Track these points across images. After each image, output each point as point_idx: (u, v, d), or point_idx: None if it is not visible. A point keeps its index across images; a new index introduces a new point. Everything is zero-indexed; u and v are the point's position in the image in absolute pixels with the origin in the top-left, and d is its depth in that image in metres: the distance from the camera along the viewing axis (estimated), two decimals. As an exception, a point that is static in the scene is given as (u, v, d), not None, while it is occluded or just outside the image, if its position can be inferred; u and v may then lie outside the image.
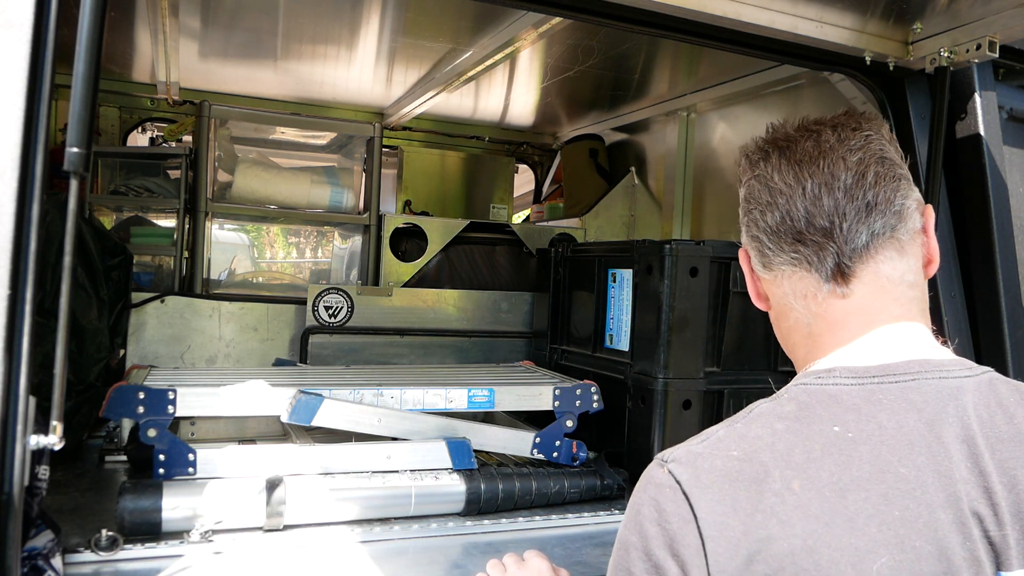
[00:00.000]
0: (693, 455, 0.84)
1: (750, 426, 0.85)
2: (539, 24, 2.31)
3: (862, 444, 0.79)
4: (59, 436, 1.13)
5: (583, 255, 2.69)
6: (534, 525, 1.89)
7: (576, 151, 3.91)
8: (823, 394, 0.85)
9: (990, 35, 1.88)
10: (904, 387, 0.83)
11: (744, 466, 0.80)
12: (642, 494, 0.85)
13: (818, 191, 0.92)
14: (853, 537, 0.75)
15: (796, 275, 0.94)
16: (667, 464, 0.84)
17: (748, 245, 1.01)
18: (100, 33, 1.14)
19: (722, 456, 0.82)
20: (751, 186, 0.98)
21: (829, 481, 0.77)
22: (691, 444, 0.86)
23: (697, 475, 0.81)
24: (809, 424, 0.82)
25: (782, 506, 0.76)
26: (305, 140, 3.78)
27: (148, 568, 1.53)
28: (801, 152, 0.95)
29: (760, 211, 0.96)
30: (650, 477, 0.85)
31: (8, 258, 1.07)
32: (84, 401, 2.28)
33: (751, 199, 0.98)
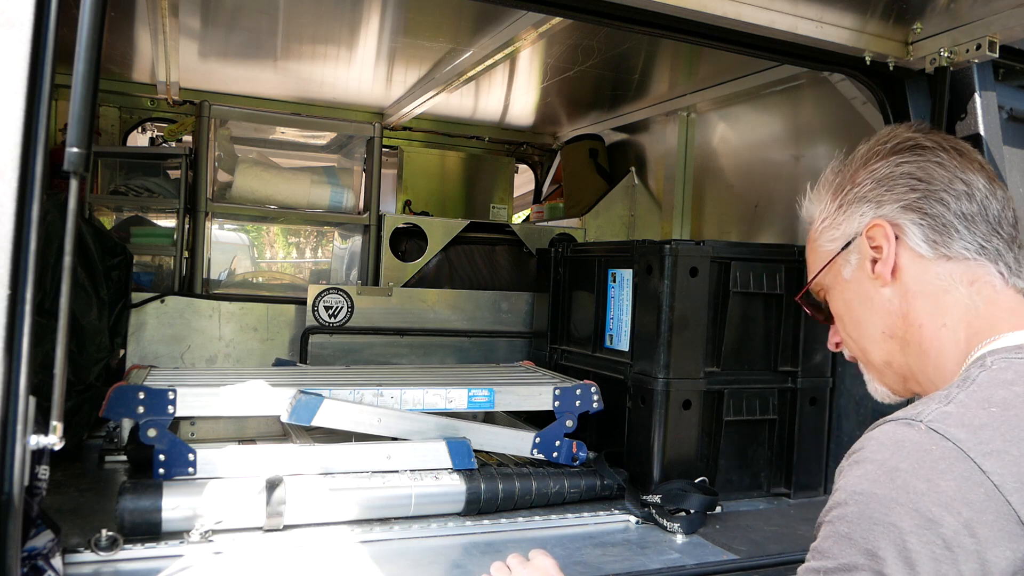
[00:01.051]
0: (952, 415, 0.83)
1: (985, 389, 0.87)
2: (539, 24, 2.31)
3: None
4: (59, 436, 1.13)
5: (583, 255, 2.69)
6: (534, 525, 1.89)
7: (576, 151, 3.91)
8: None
9: (990, 35, 1.88)
10: None
11: (1012, 420, 0.82)
12: (894, 453, 0.82)
13: (1004, 204, 1.04)
14: None
15: (977, 263, 1.01)
16: (924, 423, 0.82)
17: (909, 220, 1.04)
18: (100, 33, 1.14)
19: (984, 413, 0.83)
20: (927, 168, 1.04)
21: None
22: (934, 407, 0.85)
23: (974, 432, 0.80)
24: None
25: None
26: (305, 140, 3.78)
27: (148, 568, 1.53)
28: (978, 164, 1.06)
29: (953, 196, 1.02)
30: (906, 438, 0.82)
31: (8, 258, 1.07)
32: (84, 401, 2.28)
33: (934, 180, 1.03)
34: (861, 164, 1.10)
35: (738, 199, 3.14)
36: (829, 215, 1.14)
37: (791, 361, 2.30)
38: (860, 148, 1.13)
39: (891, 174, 1.06)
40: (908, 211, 1.04)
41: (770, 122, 2.99)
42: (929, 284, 1.03)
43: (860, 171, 1.10)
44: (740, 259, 2.22)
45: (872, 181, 1.07)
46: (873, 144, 1.11)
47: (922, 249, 1.03)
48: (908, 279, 1.05)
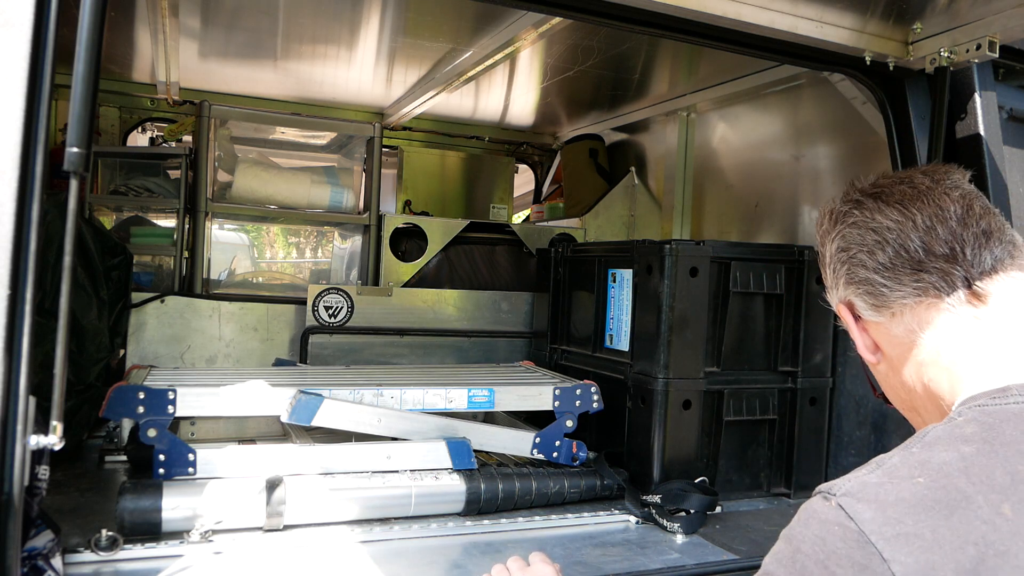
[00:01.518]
0: (870, 487, 0.74)
1: (931, 451, 0.77)
2: (539, 24, 2.31)
3: None
4: (59, 436, 1.13)
5: (583, 255, 2.69)
6: (534, 525, 1.89)
7: (576, 151, 3.91)
8: (1007, 413, 0.80)
9: (990, 35, 1.88)
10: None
11: (938, 493, 0.71)
12: (802, 529, 0.76)
13: (930, 222, 0.93)
14: None
15: (922, 304, 0.92)
16: (836, 498, 0.74)
17: (851, 294, 0.99)
18: (100, 33, 1.14)
19: (908, 484, 0.73)
20: (847, 235, 0.99)
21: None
22: (861, 474, 0.78)
23: (883, 509, 0.71)
24: (1004, 445, 0.76)
25: (996, 534, 0.69)
26: (305, 140, 3.78)
27: (148, 568, 1.53)
28: (899, 194, 0.97)
29: (867, 252, 0.96)
30: (812, 511, 0.76)
31: (8, 258, 1.07)
32: (84, 401, 2.28)
33: (850, 246, 0.98)
34: (823, 235, 1.06)
35: (738, 199, 3.14)
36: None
37: (791, 361, 2.30)
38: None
39: (832, 255, 1.02)
40: (849, 285, 1.00)
41: (770, 122, 2.99)
42: (899, 346, 0.96)
43: (825, 243, 1.05)
44: (740, 259, 2.22)
45: (827, 265, 1.04)
46: (825, 208, 1.06)
47: (874, 317, 0.98)
48: (885, 348, 1.00)
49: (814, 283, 2.29)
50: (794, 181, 2.80)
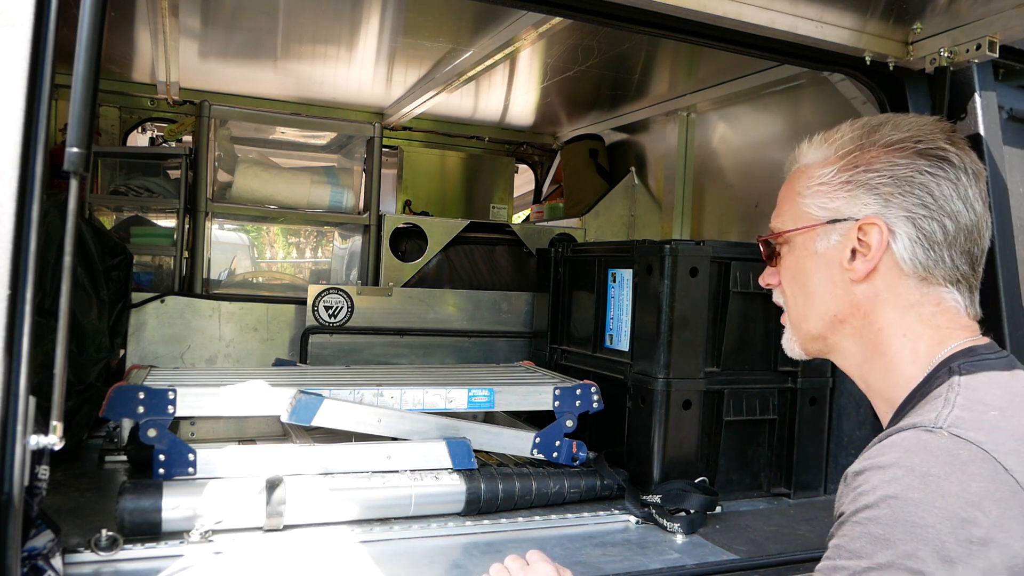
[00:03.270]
0: (964, 420, 0.89)
1: (978, 392, 0.94)
2: (539, 24, 2.31)
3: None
4: (59, 436, 1.13)
5: (583, 255, 2.69)
6: (534, 525, 1.89)
7: (576, 151, 3.91)
8: (989, 366, 0.99)
9: (990, 35, 1.88)
10: (1008, 361, 1.02)
11: (1007, 415, 0.91)
12: (930, 457, 0.86)
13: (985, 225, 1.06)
14: None
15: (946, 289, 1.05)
16: (944, 430, 0.88)
17: (907, 236, 1.04)
18: (100, 33, 1.14)
19: (988, 416, 0.90)
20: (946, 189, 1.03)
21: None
22: (945, 414, 0.91)
23: (990, 435, 0.87)
24: (1010, 383, 0.97)
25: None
26: (305, 140, 3.78)
27: (148, 568, 1.53)
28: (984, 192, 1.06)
29: (952, 221, 1.03)
30: (930, 443, 0.87)
31: (8, 258, 1.07)
32: (84, 401, 2.28)
33: (944, 202, 1.03)
34: (884, 148, 1.06)
35: (738, 199, 3.14)
36: (830, 181, 1.09)
37: (791, 361, 2.29)
38: (886, 124, 1.09)
39: (910, 179, 1.03)
40: (908, 223, 1.03)
41: (770, 122, 2.99)
42: (899, 297, 1.05)
43: (881, 156, 1.06)
44: (740, 259, 2.22)
45: (890, 176, 1.04)
46: (903, 132, 1.07)
47: (906, 265, 1.04)
48: (881, 285, 1.06)
49: None
50: (794, 181, 2.80)
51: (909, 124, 1.08)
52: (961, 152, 1.05)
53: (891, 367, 1.07)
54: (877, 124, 1.09)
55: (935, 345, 1.04)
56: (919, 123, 1.08)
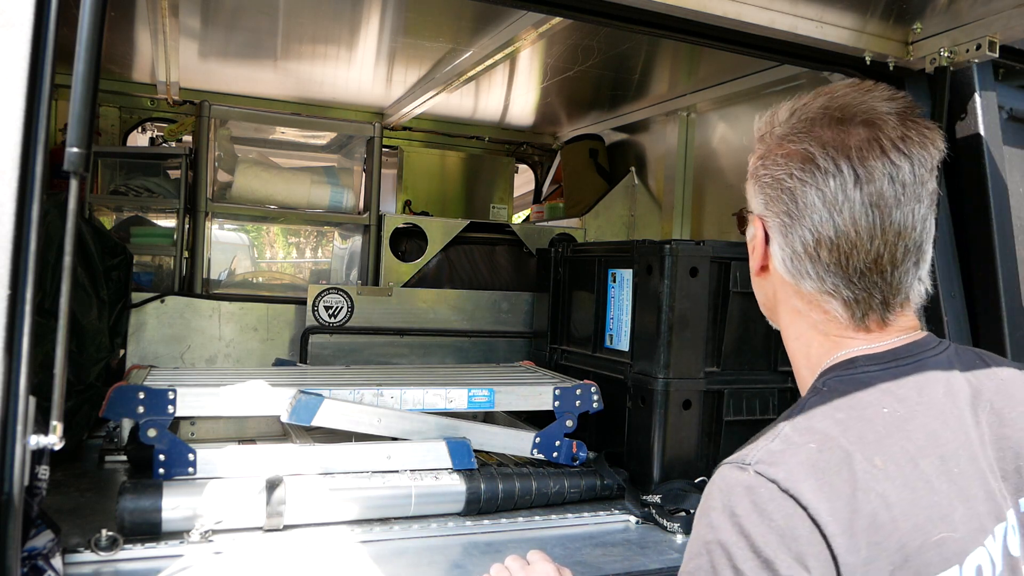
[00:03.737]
0: (775, 454, 0.86)
1: (812, 420, 0.90)
2: (539, 24, 2.31)
3: (911, 419, 0.90)
4: (59, 436, 1.13)
5: (583, 255, 2.69)
6: (534, 525, 1.89)
7: (576, 151, 3.91)
8: (858, 382, 0.92)
9: (990, 35, 1.88)
10: (916, 366, 0.95)
11: (827, 455, 0.85)
12: (728, 497, 0.85)
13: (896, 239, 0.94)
14: (934, 495, 0.86)
15: (823, 299, 0.97)
16: (752, 467, 0.85)
17: (778, 244, 0.99)
18: (100, 33, 1.14)
19: (804, 450, 0.86)
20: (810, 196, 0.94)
21: (901, 454, 0.87)
22: (763, 444, 0.88)
23: (790, 471, 0.83)
24: (863, 409, 0.90)
25: (875, 482, 0.84)
26: (305, 140, 3.78)
27: (148, 568, 1.53)
28: (879, 192, 0.92)
29: (813, 235, 0.94)
30: (735, 481, 0.85)
31: (8, 258, 1.07)
32: (84, 401, 2.28)
33: (806, 211, 0.95)
34: (777, 140, 0.99)
35: (738, 199, 3.12)
36: (751, 166, 1.05)
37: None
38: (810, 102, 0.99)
39: (781, 182, 0.97)
40: (777, 231, 0.99)
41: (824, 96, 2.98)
42: (788, 300, 1.02)
43: (774, 148, 0.99)
44: (740, 259, 2.22)
45: (771, 177, 0.98)
46: (792, 125, 0.98)
47: (780, 269, 1.00)
48: (776, 284, 1.04)
49: None
50: (794, 181, 2.80)
51: (807, 110, 0.98)
52: (837, 151, 0.92)
53: (795, 369, 1.06)
54: (798, 105, 1.00)
55: (824, 353, 0.99)
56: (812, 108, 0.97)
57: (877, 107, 0.94)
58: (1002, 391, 0.99)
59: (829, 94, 0.98)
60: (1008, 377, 1.01)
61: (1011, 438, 0.95)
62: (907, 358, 0.95)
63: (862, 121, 0.94)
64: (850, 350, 0.97)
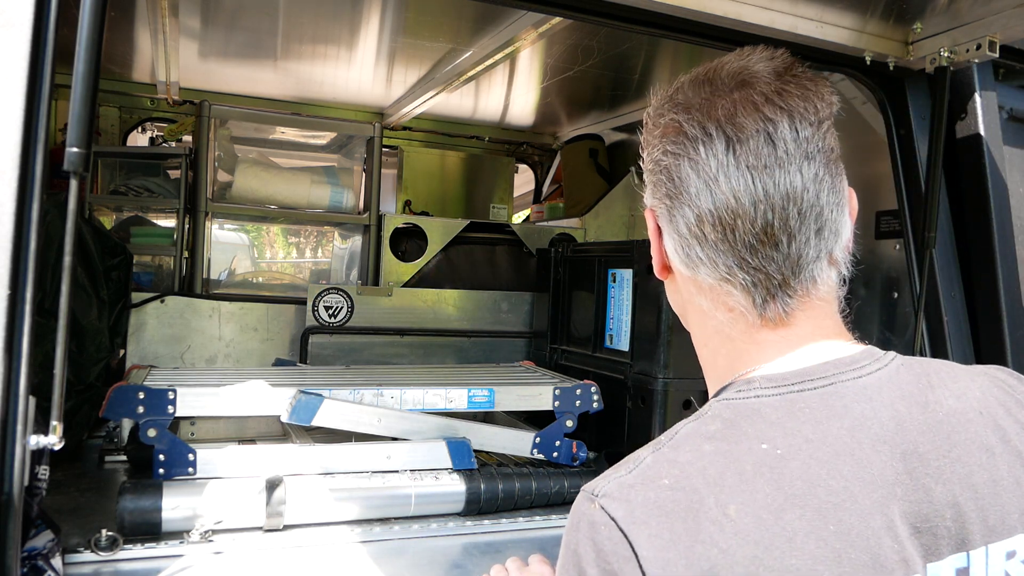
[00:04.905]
0: (625, 488, 0.76)
1: (678, 450, 0.78)
2: (539, 24, 2.31)
3: (791, 460, 0.75)
4: (59, 436, 1.13)
5: (583, 255, 2.69)
6: (534, 525, 1.89)
7: (576, 151, 3.91)
8: (746, 408, 0.80)
9: (990, 35, 1.88)
10: (823, 393, 0.80)
11: (678, 495, 0.74)
12: (576, 533, 0.77)
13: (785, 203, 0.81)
14: (793, 557, 0.72)
15: (723, 290, 0.85)
16: (598, 499, 0.76)
17: (667, 232, 0.88)
18: (100, 33, 1.14)
19: (654, 486, 0.75)
20: (683, 170, 0.84)
21: (764, 502, 0.73)
22: (620, 474, 0.78)
23: (631, 510, 0.74)
24: (737, 443, 0.77)
25: (721, 534, 0.71)
26: (305, 140, 3.78)
27: (148, 568, 1.53)
28: (755, 152, 0.81)
29: (695, 212, 0.83)
30: (582, 514, 0.77)
31: (8, 258, 1.07)
32: (84, 401, 2.28)
33: (684, 187, 0.84)
34: (652, 121, 0.89)
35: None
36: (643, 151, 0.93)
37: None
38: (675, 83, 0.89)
39: (658, 162, 0.87)
40: (665, 220, 0.88)
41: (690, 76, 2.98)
42: (692, 300, 0.90)
43: (650, 127, 0.89)
44: None
45: (651, 159, 0.88)
46: (659, 98, 0.89)
47: (678, 263, 0.88)
48: (679, 284, 0.92)
49: None
50: (794, 181, 2.80)
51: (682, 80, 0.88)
52: (705, 115, 0.83)
53: (707, 380, 0.94)
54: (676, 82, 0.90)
55: (728, 367, 0.87)
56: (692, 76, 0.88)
57: (750, 66, 0.84)
58: (937, 430, 0.80)
59: (704, 65, 0.87)
60: (954, 410, 0.82)
61: (932, 491, 0.77)
62: (818, 379, 0.80)
63: (733, 82, 0.83)
64: (754, 368, 0.84)
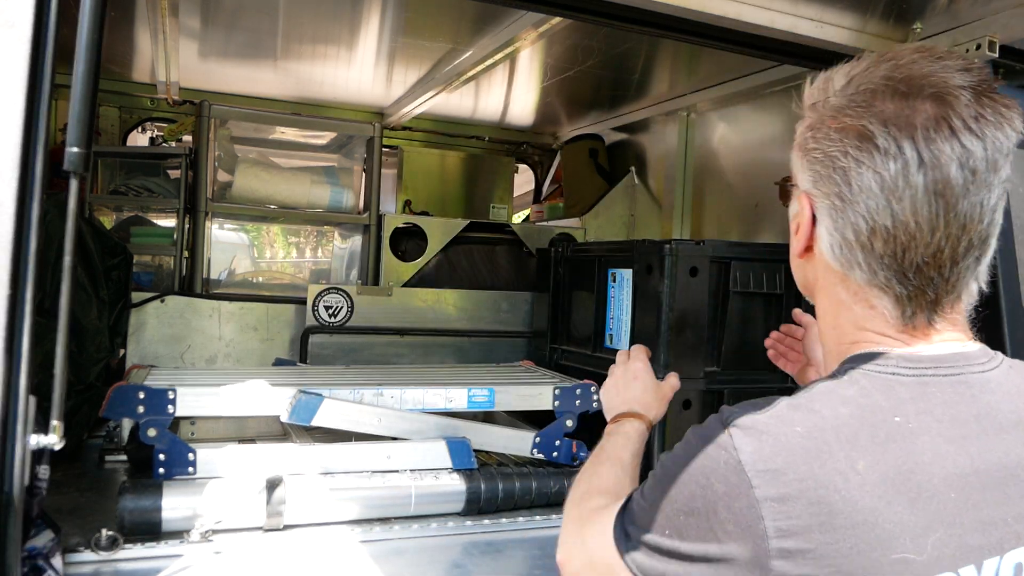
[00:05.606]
0: (758, 423, 0.81)
1: (813, 403, 0.83)
2: (539, 24, 2.31)
3: (922, 435, 0.81)
4: (59, 435, 1.13)
5: (583, 255, 2.69)
6: (534, 525, 1.89)
7: (576, 151, 3.91)
8: (883, 382, 0.84)
9: (990, 35, 1.88)
10: (953, 381, 0.85)
11: (808, 443, 0.79)
12: (703, 445, 0.84)
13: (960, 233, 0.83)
14: (913, 515, 0.78)
15: (871, 292, 0.88)
16: (730, 427, 0.82)
17: (826, 228, 0.90)
18: (100, 33, 1.14)
19: (786, 430, 0.80)
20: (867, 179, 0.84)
21: (893, 464, 0.79)
22: (755, 411, 0.83)
23: (760, 447, 0.79)
24: (872, 412, 0.82)
25: (845, 484, 0.77)
26: (305, 140, 3.78)
27: (148, 568, 1.53)
28: (944, 180, 0.81)
29: (868, 224, 0.85)
30: (712, 433, 0.84)
31: (8, 258, 1.07)
32: (84, 401, 2.28)
33: (861, 196, 0.84)
34: (831, 112, 0.88)
35: (738, 199, 3.14)
36: (799, 136, 0.95)
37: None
38: (868, 71, 0.87)
39: (835, 159, 0.87)
40: (826, 213, 0.89)
41: (770, 122, 2.99)
42: (831, 288, 0.93)
43: (826, 120, 0.89)
44: (740, 259, 2.22)
45: (823, 152, 0.88)
46: (849, 96, 0.87)
47: (827, 256, 0.90)
48: (819, 269, 0.94)
49: None
50: (794, 181, 2.80)
51: (868, 80, 0.87)
52: (900, 130, 0.82)
53: (825, 358, 0.99)
54: (856, 72, 0.89)
55: (858, 344, 0.91)
56: (886, 78, 0.85)
57: (948, 80, 0.82)
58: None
59: (893, 60, 0.86)
60: None
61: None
62: (948, 368, 0.86)
63: (930, 96, 0.82)
64: (888, 348, 0.88)
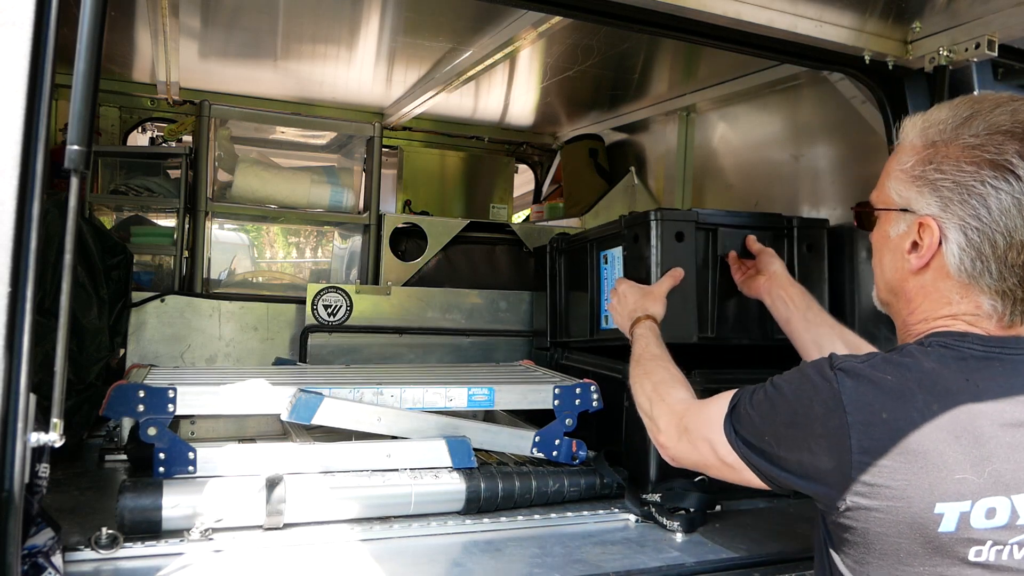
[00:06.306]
0: (857, 368, 1.08)
1: (903, 360, 1.09)
2: (539, 24, 2.32)
3: (987, 393, 1.04)
4: (59, 433, 1.13)
5: (577, 244, 2.68)
6: (534, 524, 1.89)
7: (576, 151, 3.91)
8: (958, 354, 1.09)
9: (989, 34, 1.88)
10: (1014, 360, 1.09)
11: (895, 388, 1.05)
12: (813, 373, 1.12)
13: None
14: (975, 448, 1.01)
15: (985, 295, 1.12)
16: (836, 368, 1.09)
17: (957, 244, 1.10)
18: (100, 33, 1.15)
19: (879, 377, 1.07)
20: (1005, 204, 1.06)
21: (964, 409, 1.03)
22: (856, 360, 1.10)
23: (857, 385, 1.06)
24: (949, 372, 1.07)
25: (921, 419, 1.02)
26: (305, 140, 3.78)
27: (148, 566, 1.53)
28: None
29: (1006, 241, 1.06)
30: (820, 369, 1.11)
31: (8, 257, 1.07)
32: (84, 400, 2.28)
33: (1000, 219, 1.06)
34: (960, 148, 1.09)
35: (738, 199, 3.14)
36: (908, 170, 1.16)
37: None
38: (975, 118, 1.10)
39: (971, 188, 1.07)
40: (960, 232, 1.09)
41: (770, 122, 2.99)
42: (941, 294, 1.14)
43: (953, 156, 1.10)
44: (727, 226, 2.20)
45: (953, 181, 1.09)
46: (981, 132, 1.08)
47: (952, 269, 1.11)
48: (928, 280, 1.16)
49: (804, 250, 2.29)
50: (794, 181, 2.80)
51: (993, 124, 1.08)
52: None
53: (906, 318, 1.22)
54: (967, 116, 1.11)
55: (936, 310, 1.15)
56: (1002, 121, 1.08)
57: None
58: None
59: (1011, 109, 1.09)
60: None
61: None
62: (1012, 350, 1.09)
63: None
64: (968, 330, 1.11)
